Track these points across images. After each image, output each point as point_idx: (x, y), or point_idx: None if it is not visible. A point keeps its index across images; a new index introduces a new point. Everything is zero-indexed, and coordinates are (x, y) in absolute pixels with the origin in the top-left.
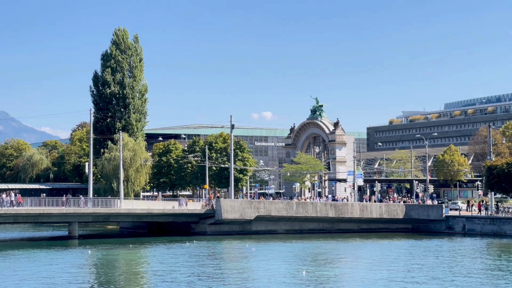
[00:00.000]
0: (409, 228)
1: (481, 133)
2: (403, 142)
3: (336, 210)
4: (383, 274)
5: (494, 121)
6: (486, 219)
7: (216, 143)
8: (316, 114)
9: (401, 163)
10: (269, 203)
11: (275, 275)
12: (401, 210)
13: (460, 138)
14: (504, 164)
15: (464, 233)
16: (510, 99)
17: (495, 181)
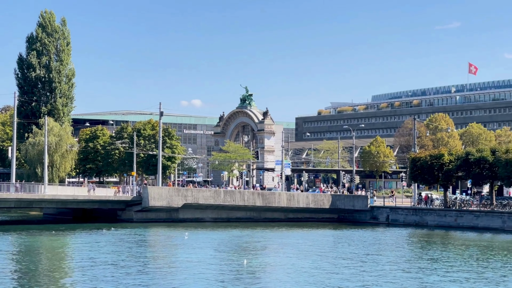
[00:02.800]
0: (335, 218)
1: (406, 125)
2: (331, 133)
3: (263, 199)
4: (309, 263)
5: (419, 114)
6: (409, 210)
7: (145, 130)
8: (245, 103)
9: (329, 153)
10: (197, 191)
11: (209, 263)
12: (328, 200)
13: (386, 130)
14: (427, 156)
15: (388, 223)
16: (435, 93)
17: (418, 172)
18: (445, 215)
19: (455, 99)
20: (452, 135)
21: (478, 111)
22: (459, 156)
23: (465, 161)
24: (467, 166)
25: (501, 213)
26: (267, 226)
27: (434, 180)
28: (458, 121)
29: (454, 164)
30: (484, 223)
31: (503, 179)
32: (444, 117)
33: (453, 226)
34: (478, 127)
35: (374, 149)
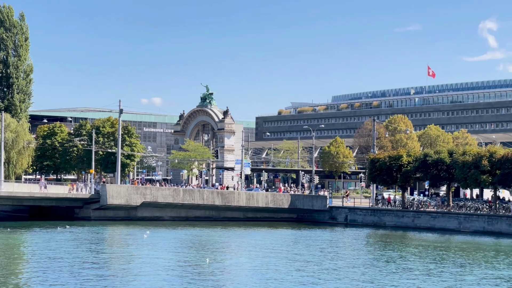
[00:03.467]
0: (294, 218)
1: (366, 126)
2: (291, 133)
3: (222, 198)
4: (267, 262)
5: (378, 115)
6: (367, 211)
7: (104, 127)
8: (206, 102)
9: (289, 153)
10: (156, 189)
11: (171, 262)
12: (287, 200)
13: (346, 131)
14: (386, 158)
15: (346, 223)
16: (394, 94)
17: (377, 173)
18: (403, 215)
19: (414, 101)
20: (411, 137)
21: (436, 113)
22: (418, 157)
23: (423, 163)
24: (425, 168)
25: (458, 214)
26: (226, 225)
27: (393, 181)
28: (417, 123)
29: (413, 166)
30: (441, 224)
31: (459, 180)
32: (403, 118)
33: (411, 226)
34: (436, 129)
35: (333, 149)
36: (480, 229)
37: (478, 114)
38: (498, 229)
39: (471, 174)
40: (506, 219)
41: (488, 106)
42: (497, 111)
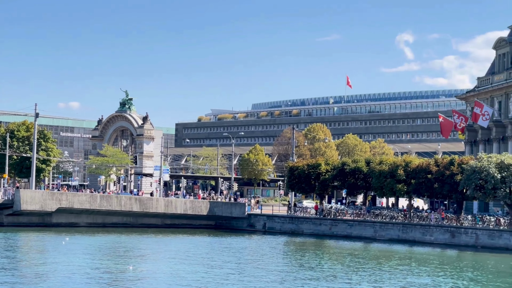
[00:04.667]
0: (213, 225)
1: (285, 134)
2: (210, 140)
3: (141, 205)
4: (184, 269)
5: (298, 124)
6: (285, 218)
7: (19, 131)
8: (125, 107)
9: (208, 160)
10: (72, 195)
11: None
12: (205, 207)
13: (265, 139)
14: (305, 166)
15: (264, 231)
16: (313, 103)
17: (295, 181)
18: (320, 223)
19: (333, 110)
20: (329, 145)
21: (354, 122)
22: (336, 166)
23: (341, 171)
24: (342, 176)
25: (373, 222)
26: (145, 232)
27: (311, 189)
28: (336, 132)
29: (331, 174)
30: (357, 232)
31: (376, 189)
32: (322, 127)
33: (328, 234)
34: (354, 138)
35: (253, 157)
36: (395, 237)
37: (394, 124)
38: (412, 237)
39: (387, 183)
40: (419, 228)
41: (404, 117)
42: (413, 121)
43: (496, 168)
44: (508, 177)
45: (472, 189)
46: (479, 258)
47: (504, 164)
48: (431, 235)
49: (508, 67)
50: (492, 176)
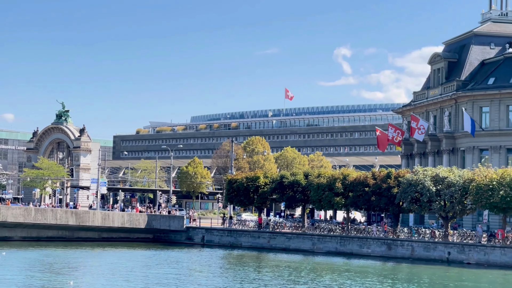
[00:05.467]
0: (151, 238)
1: (224, 147)
2: (149, 152)
3: (77, 218)
4: (120, 284)
5: (237, 137)
6: (224, 231)
7: None
8: (61, 119)
9: (146, 173)
10: (6, 208)
11: (29, 285)
12: (143, 220)
13: (204, 151)
14: (243, 179)
15: (203, 244)
16: (252, 116)
17: (234, 194)
18: (259, 236)
19: (271, 123)
20: (268, 158)
21: (293, 135)
22: (274, 179)
23: (279, 184)
24: (281, 189)
25: (312, 235)
26: (81, 246)
27: (250, 202)
28: (274, 145)
29: (269, 187)
30: (296, 244)
31: (314, 202)
32: (261, 140)
33: (266, 247)
34: (293, 151)
35: (191, 169)
36: (333, 249)
37: (332, 137)
38: (350, 249)
39: (326, 196)
40: (357, 240)
41: (342, 130)
42: (351, 135)
43: (431, 181)
44: (443, 190)
45: (408, 202)
46: (415, 270)
47: (439, 177)
48: (368, 248)
49: (442, 82)
50: (427, 189)
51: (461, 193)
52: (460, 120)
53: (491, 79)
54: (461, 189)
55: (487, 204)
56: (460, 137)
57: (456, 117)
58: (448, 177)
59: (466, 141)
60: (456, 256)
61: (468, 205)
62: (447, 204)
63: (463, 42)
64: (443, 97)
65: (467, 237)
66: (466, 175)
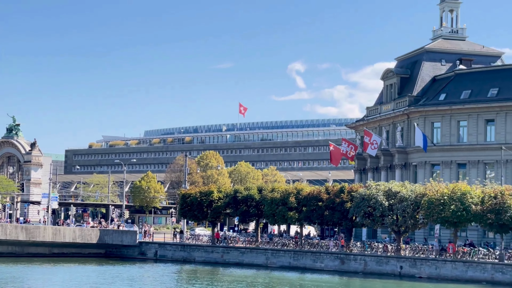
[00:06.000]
0: (103, 253)
1: (178, 161)
2: (102, 167)
3: (27, 233)
4: None
5: (190, 151)
6: (177, 246)
7: None
8: (12, 133)
9: (99, 187)
10: None
11: None
12: (95, 235)
13: (158, 166)
14: (197, 193)
15: (156, 259)
16: (206, 130)
17: (188, 208)
18: (212, 251)
19: (225, 138)
20: (222, 173)
21: (247, 150)
22: (228, 193)
23: (233, 199)
24: (235, 204)
25: (265, 250)
26: (31, 262)
27: (203, 216)
28: (228, 159)
29: (223, 201)
30: (249, 259)
31: (268, 216)
32: (215, 154)
33: (220, 262)
34: (247, 165)
35: (145, 184)
36: (287, 264)
37: (286, 152)
38: (303, 264)
39: (279, 210)
40: (310, 255)
41: (296, 145)
42: (304, 149)
43: (384, 196)
44: (395, 204)
45: (361, 216)
46: (367, 284)
47: (391, 192)
48: (321, 262)
49: (395, 98)
50: (380, 203)
51: (413, 207)
52: (412, 135)
53: (442, 95)
54: (413, 203)
55: (438, 219)
56: (412, 152)
57: (408, 132)
58: (400, 192)
59: (418, 156)
60: (408, 270)
61: (420, 220)
62: (400, 218)
63: (415, 58)
64: (395, 113)
65: (419, 251)
66: (418, 190)
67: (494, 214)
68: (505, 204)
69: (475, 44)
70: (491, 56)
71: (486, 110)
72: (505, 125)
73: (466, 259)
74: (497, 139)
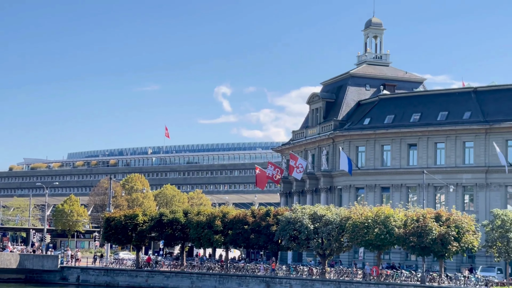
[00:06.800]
0: (22, 279)
1: (102, 184)
2: (23, 190)
3: None
4: None
5: (115, 174)
6: (100, 270)
7: None
8: None
9: (19, 211)
10: None
11: None
12: (15, 260)
13: (82, 189)
14: (122, 216)
15: (78, 284)
16: (132, 153)
17: (112, 232)
18: (137, 275)
19: (151, 161)
20: (147, 196)
21: (173, 173)
22: (153, 217)
23: (158, 222)
24: (160, 227)
25: (191, 273)
26: None
27: (128, 240)
28: (154, 182)
29: (148, 225)
30: (174, 283)
31: (193, 240)
32: (140, 177)
33: (144, 286)
34: (172, 188)
35: (67, 207)
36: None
37: (212, 175)
38: (229, 287)
39: (205, 234)
40: (236, 278)
41: (222, 168)
42: (231, 173)
43: (309, 219)
44: (321, 228)
45: (286, 239)
46: None
47: (316, 215)
48: (247, 286)
49: (320, 122)
50: (305, 227)
51: (338, 230)
52: (337, 159)
53: (367, 119)
54: (338, 227)
55: (362, 242)
56: (337, 175)
57: (334, 156)
58: (325, 215)
59: (343, 180)
60: None
61: (344, 243)
62: (325, 241)
63: (340, 83)
64: (321, 136)
65: (344, 274)
66: (343, 213)
67: (416, 237)
68: (426, 227)
69: (398, 70)
70: (413, 82)
71: (408, 134)
72: (427, 149)
73: (389, 281)
74: (419, 163)
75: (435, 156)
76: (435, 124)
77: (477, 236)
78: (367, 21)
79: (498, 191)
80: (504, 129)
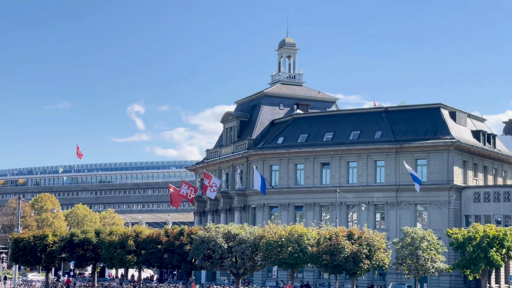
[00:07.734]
0: None
1: (10, 204)
2: None
3: None
4: None
5: (24, 193)
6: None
7: None
8: None
9: None
10: None
11: None
12: None
13: None
14: (31, 237)
15: None
16: (42, 172)
17: (20, 253)
18: None
19: (62, 180)
20: (58, 216)
21: (84, 192)
22: (64, 237)
23: (69, 242)
24: (71, 247)
25: None
26: None
27: (37, 261)
28: (65, 202)
29: (59, 245)
30: None
31: (105, 260)
32: (51, 197)
33: None
34: (84, 208)
35: None
36: None
37: (125, 194)
38: None
39: (117, 254)
40: None
41: (135, 187)
42: (144, 192)
43: (223, 238)
44: (235, 246)
45: (200, 259)
46: None
47: (231, 234)
48: None
49: (235, 141)
50: (219, 246)
51: (252, 249)
52: (251, 178)
53: (281, 138)
54: (252, 245)
55: (276, 260)
56: (251, 194)
57: (248, 175)
58: (239, 234)
59: (257, 199)
60: None
61: (258, 261)
62: (239, 260)
63: (254, 102)
64: (235, 155)
65: None
66: (256, 232)
67: (329, 255)
68: (339, 245)
69: (312, 90)
70: (326, 102)
71: (321, 153)
72: (340, 168)
73: None
74: (332, 182)
75: (347, 175)
76: (348, 143)
77: (388, 254)
78: (281, 41)
79: (408, 209)
80: (414, 148)
